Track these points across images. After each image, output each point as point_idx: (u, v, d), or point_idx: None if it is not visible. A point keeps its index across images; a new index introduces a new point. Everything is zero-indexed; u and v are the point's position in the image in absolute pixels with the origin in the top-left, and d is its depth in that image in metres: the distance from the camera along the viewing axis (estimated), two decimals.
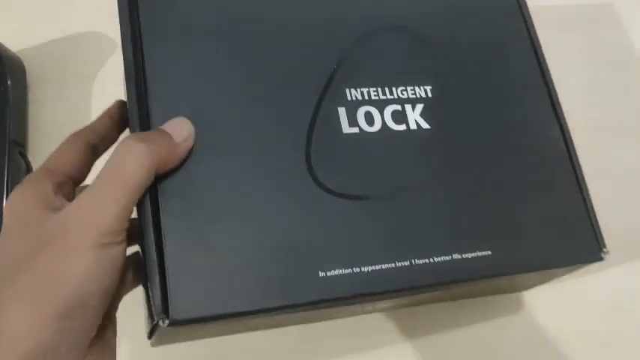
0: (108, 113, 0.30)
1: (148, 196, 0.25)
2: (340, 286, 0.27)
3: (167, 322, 0.23)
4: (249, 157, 0.28)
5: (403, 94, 0.31)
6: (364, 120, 0.30)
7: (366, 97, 0.31)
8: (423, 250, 0.28)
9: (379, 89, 0.31)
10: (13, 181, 0.41)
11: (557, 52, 0.45)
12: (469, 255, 0.29)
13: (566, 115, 0.40)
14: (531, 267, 0.31)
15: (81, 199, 0.23)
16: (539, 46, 0.36)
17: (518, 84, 0.35)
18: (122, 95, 0.29)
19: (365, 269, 0.27)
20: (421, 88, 0.32)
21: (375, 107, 0.31)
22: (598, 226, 0.32)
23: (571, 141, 0.34)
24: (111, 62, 0.44)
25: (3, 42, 0.42)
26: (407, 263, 0.28)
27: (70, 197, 0.26)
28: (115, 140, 0.29)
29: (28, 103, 0.45)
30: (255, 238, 0.26)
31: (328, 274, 0.27)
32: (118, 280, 0.24)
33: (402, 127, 0.31)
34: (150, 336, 0.25)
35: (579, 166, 0.33)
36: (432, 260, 0.29)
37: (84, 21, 0.46)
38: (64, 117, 0.45)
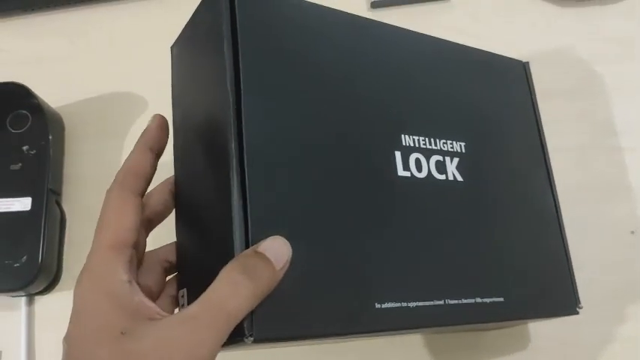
0: (144, 145, 0.29)
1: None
2: (391, 318, 0.29)
3: (251, 339, 0.25)
4: (326, 184, 0.30)
5: (444, 147, 0.35)
6: (414, 165, 0.33)
7: (417, 145, 0.34)
8: (454, 292, 0.32)
9: (427, 139, 0.34)
10: (49, 228, 0.45)
11: (551, 117, 0.48)
12: (488, 300, 0.33)
13: (559, 174, 0.44)
14: (531, 317, 0.37)
15: (182, 325, 0.22)
16: (539, 115, 0.40)
17: (524, 149, 0.39)
18: None
19: (411, 304, 0.30)
20: (458, 143, 0.35)
21: (423, 155, 0.34)
22: (575, 283, 0.37)
23: (558, 204, 0.39)
24: (141, 119, 0.49)
25: (45, 99, 0.47)
26: (442, 302, 0.31)
27: (135, 273, 0.24)
28: (154, 173, 0.29)
29: (65, 155, 0.49)
30: (330, 269, 0.28)
31: (383, 306, 0.29)
32: None
33: (443, 176, 0.34)
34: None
35: (564, 227, 0.38)
36: (460, 301, 0.32)
37: (118, 81, 0.51)
38: (97, 168, 0.49)
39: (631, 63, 0.49)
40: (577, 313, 0.37)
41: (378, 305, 0.29)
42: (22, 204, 0.43)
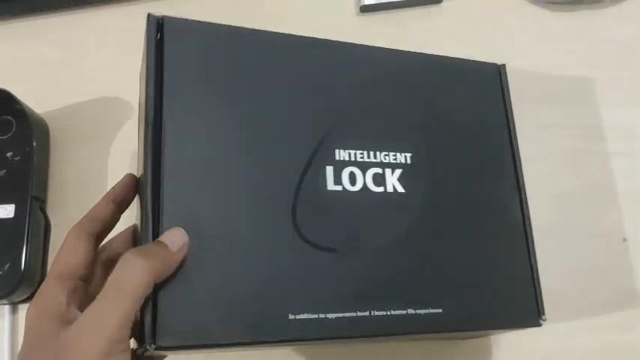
0: (109, 197, 0.33)
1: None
2: (306, 329, 0.30)
3: (153, 347, 0.27)
4: (242, 204, 0.31)
5: (385, 159, 0.35)
6: (348, 179, 0.34)
7: (352, 158, 0.34)
8: (381, 303, 0.32)
9: (365, 152, 0.35)
10: (33, 236, 0.45)
11: (542, 122, 0.48)
12: (422, 311, 0.33)
13: (546, 181, 0.43)
14: (477, 328, 0.35)
15: (88, 311, 0.26)
16: (512, 120, 0.39)
17: (488, 156, 0.38)
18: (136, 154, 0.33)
19: (330, 316, 0.31)
20: (402, 155, 0.36)
21: (359, 168, 0.34)
22: (541, 297, 0.37)
23: (527, 212, 0.38)
24: (128, 125, 0.50)
25: (29, 104, 0.47)
26: (366, 314, 0.32)
27: (83, 299, 0.29)
28: (117, 222, 0.33)
29: (49, 161, 0.49)
30: (237, 280, 0.30)
31: (297, 317, 0.31)
32: None
33: (381, 189, 0.35)
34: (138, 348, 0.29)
35: (531, 236, 0.38)
36: (389, 313, 0.32)
37: (103, 86, 0.51)
38: (83, 174, 0.50)
39: (622, 67, 0.49)
40: (539, 325, 0.36)
41: (291, 316, 0.30)
42: (5, 211, 0.44)
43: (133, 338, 0.28)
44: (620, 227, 0.46)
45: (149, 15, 0.31)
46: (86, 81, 0.51)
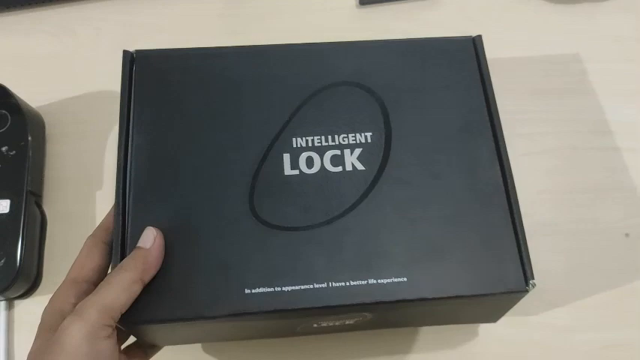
0: None
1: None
2: (262, 302, 0.34)
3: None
4: (205, 193, 0.36)
5: (344, 141, 0.38)
6: (305, 163, 0.37)
7: (310, 144, 0.38)
8: (340, 275, 0.35)
9: (323, 137, 0.38)
10: (28, 231, 0.46)
11: (544, 116, 0.48)
12: (384, 281, 0.35)
13: (546, 176, 0.43)
14: (449, 294, 0.35)
15: (78, 305, 0.31)
16: (490, 87, 0.40)
17: (462, 124, 0.39)
18: None
19: (286, 289, 0.34)
20: (362, 134, 0.38)
21: (316, 152, 0.38)
22: (528, 259, 0.36)
23: (511, 178, 0.38)
24: None
25: (24, 98, 0.46)
26: (324, 285, 0.34)
27: None
28: None
29: (45, 156, 0.51)
30: (195, 258, 0.34)
31: (253, 291, 0.34)
32: None
33: (339, 168, 0.37)
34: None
35: (516, 200, 0.37)
36: (348, 284, 0.34)
37: (99, 79, 0.53)
38: (79, 169, 0.51)
39: (625, 61, 0.49)
40: (526, 290, 0.35)
41: (248, 290, 0.34)
42: (0, 206, 0.46)
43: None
44: (623, 223, 0.46)
45: (124, 51, 0.39)
46: (82, 74, 0.52)
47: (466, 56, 0.41)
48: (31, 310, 0.46)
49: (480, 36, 0.41)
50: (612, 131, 0.50)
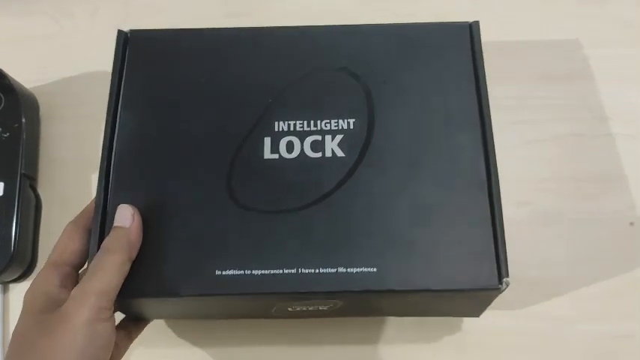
0: None
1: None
2: (231, 284, 0.35)
3: None
4: (183, 169, 0.38)
5: (326, 127, 0.39)
6: (285, 148, 0.39)
7: (292, 129, 0.39)
8: (310, 261, 0.36)
9: (305, 122, 0.39)
10: (23, 214, 0.48)
11: (550, 102, 0.47)
12: (354, 270, 0.36)
13: (550, 164, 0.42)
14: (418, 288, 0.36)
15: (76, 288, 0.34)
16: (482, 76, 0.40)
17: (449, 112, 0.39)
18: None
19: (256, 272, 0.36)
20: (345, 121, 0.39)
21: (297, 137, 0.39)
22: (504, 256, 0.36)
23: (494, 168, 0.38)
24: None
25: (18, 79, 0.46)
26: (294, 271, 0.36)
27: (75, 282, 0.36)
28: None
29: (40, 138, 0.52)
30: (170, 236, 0.37)
31: (223, 273, 0.36)
32: (110, 351, 0.35)
33: (319, 154, 0.39)
34: None
35: (497, 192, 0.37)
36: (317, 271, 0.36)
37: (96, 61, 0.53)
38: (74, 151, 0.52)
39: (633, 46, 0.48)
40: (498, 288, 0.36)
41: (218, 272, 0.36)
42: None
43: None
44: (628, 211, 0.46)
45: (118, 31, 0.42)
46: (77, 55, 0.54)
47: (461, 43, 0.42)
48: None
49: (477, 22, 0.42)
50: (618, 118, 0.51)
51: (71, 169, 0.51)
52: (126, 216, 0.36)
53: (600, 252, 0.48)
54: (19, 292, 0.48)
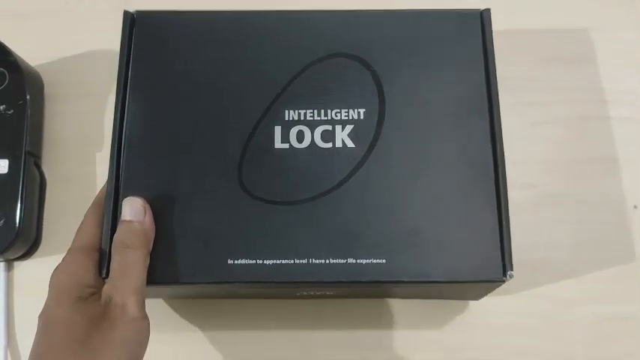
0: None
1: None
2: (243, 273, 0.36)
3: None
4: (193, 157, 0.38)
5: (337, 116, 0.39)
6: (295, 137, 0.39)
7: (302, 118, 0.39)
8: (320, 252, 0.37)
9: (315, 111, 0.39)
10: (28, 192, 0.48)
11: (554, 84, 0.47)
12: (363, 261, 0.37)
13: (554, 147, 0.42)
14: (426, 279, 0.37)
15: (109, 291, 0.35)
16: (492, 64, 0.40)
17: (458, 101, 0.40)
18: None
19: (267, 262, 0.37)
20: (355, 110, 0.40)
21: (308, 126, 0.39)
22: (509, 249, 0.37)
23: (501, 161, 0.38)
24: None
25: (24, 56, 0.46)
26: (304, 261, 0.37)
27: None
28: None
29: (44, 116, 0.52)
30: (182, 225, 0.37)
31: (235, 262, 0.36)
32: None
33: (329, 144, 0.39)
34: None
35: (504, 184, 0.38)
36: (327, 261, 0.37)
37: (100, 39, 0.54)
38: (78, 130, 0.52)
39: (638, 30, 0.48)
40: (502, 280, 0.37)
41: (230, 261, 0.36)
42: None
43: None
44: (632, 194, 0.47)
45: (124, 12, 0.42)
46: (81, 32, 0.55)
47: (471, 30, 0.42)
48: (31, 271, 0.50)
49: (488, 10, 0.42)
50: (624, 101, 0.52)
51: (75, 147, 0.51)
52: (138, 209, 0.37)
53: (603, 234, 0.48)
54: (23, 269, 0.48)
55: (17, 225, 0.46)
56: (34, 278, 0.47)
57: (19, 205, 0.46)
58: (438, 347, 0.46)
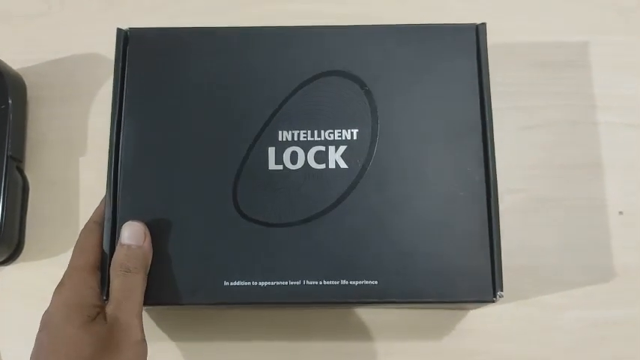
0: None
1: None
2: (238, 294, 0.37)
3: None
4: (189, 179, 0.39)
5: (330, 137, 0.40)
6: (289, 159, 0.39)
7: (296, 139, 0.40)
8: (314, 273, 0.38)
9: (309, 132, 0.40)
10: (10, 196, 0.47)
11: (544, 89, 0.46)
12: (356, 282, 0.38)
13: (542, 151, 0.42)
14: (417, 299, 0.38)
15: (113, 313, 0.36)
16: (486, 81, 0.41)
17: (451, 120, 0.40)
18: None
19: (262, 284, 0.38)
20: (348, 131, 0.40)
21: (301, 147, 0.40)
22: (500, 271, 0.38)
23: (493, 181, 0.39)
24: (109, 83, 0.50)
25: (6, 60, 0.46)
26: (298, 283, 0.38)
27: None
28: None
29: (27, 120, 0.52)
30: (178, 246, 0.38)
31: (231, 284, 0.38)
32: None
33: (322, 165, 0.39)
34: None
35: (496, 205, 0.39)
36: (321, 283, 0.38)
37: (84, 42, 0.54)
38: (62, 134, 0.52)
39: (628, 34, 0.49)
40: (492, 300, 0.38)
41: (226, 283, 0.38)
42: None
43: None
44: (617, 200, 0.48)
45: (117, 29, 0.42)
46: (64, 35, 0.55)
47: (466, 45, 0.42)
48: (14, 276, 0.50)
49: (484, 24, 0.43)
50: (612, 106, 0.53)
51: (59, 151, 0.51)
52: (139, 234, 0.38)
53: (590, 240, 0.49)
54: (6, 274, 0.48)
55: (0, 230, 0.45)
56: (17, 283, 0.48)
57: (0, 209, 0.46)
58: (425, 353, 0.46)
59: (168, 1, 0.52)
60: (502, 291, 0.38)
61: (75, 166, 0.50)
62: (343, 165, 0.39)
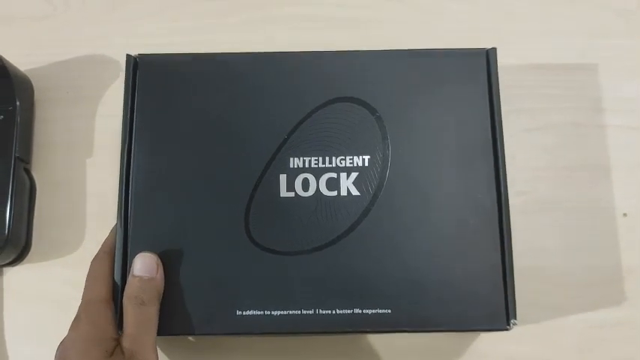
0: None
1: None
2: (252, 324, 0.38)
3: None
4: (200, 207, 0.39)
5: (341, 163, 0.40)
6: (301, 186, 0.40)
7: (307, 165, 0.40)
8: (327, 302, 0.38)
9: (320, 158, 0.40)
10: (17, 198, 0.48)
11: (547, 91, 0.47)
12: (369, 311, 0.38)
13: (545, 153, 0.42)
14: (431, 328, 0.38)
15: (130, 347, 0.36)
16: (497, 105, 0.41)
17: (463, 146, 0.40)
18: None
19: (275, 313, 0.38)
20: (360, 157, 0.40)
21: (313, 174, 0.40)
22: (513, 299, 0.38)
23: (505, 205, 0.39)
24: (116, 85, 0.53)
25: (13, 61, 0.47)
26: (311, 312, 0.38)
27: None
28: None
29: (34, 121, 0.53)
30: (191, 276, 0.38)
31: (244, 313, 0.38)
32: None
33: (334, 193, 0.40)
34: None
35: (508, 232, 0.39)
36: (334, 312, 0.38)
37: (92, 44, 0.54)
38: (68, 135, 0.52)
39: (630, 37, 0.49)
40: (506, 329, 0.38)
41: (239, 312, 0.38)
42: None
43: None
44: (621, 202, 0.49)
45: (127, 55, 0.43)
46: (72, 37, 0.56)
47: (477, 70, 0.42)
48: (20, 277, 0.50)
49: (494, 49, 0.43)
50: (616, 109, 0.54)
51: (65, 152, 0.52)
52: (152, 266, 0.38)
53: (593, 242, 0.50)
54: (12, 275, 0.49)
55: (7, 231, 0.46)
56: (24, 284, 0.48)
57: (8, 210, 0.47)
58: (428, 352, 0.46)
59: (171, 3, 0.53)
60: (515, 319, 0.38)
61: (82, 167, 0.51)
62: (355, 192, 0.40)
